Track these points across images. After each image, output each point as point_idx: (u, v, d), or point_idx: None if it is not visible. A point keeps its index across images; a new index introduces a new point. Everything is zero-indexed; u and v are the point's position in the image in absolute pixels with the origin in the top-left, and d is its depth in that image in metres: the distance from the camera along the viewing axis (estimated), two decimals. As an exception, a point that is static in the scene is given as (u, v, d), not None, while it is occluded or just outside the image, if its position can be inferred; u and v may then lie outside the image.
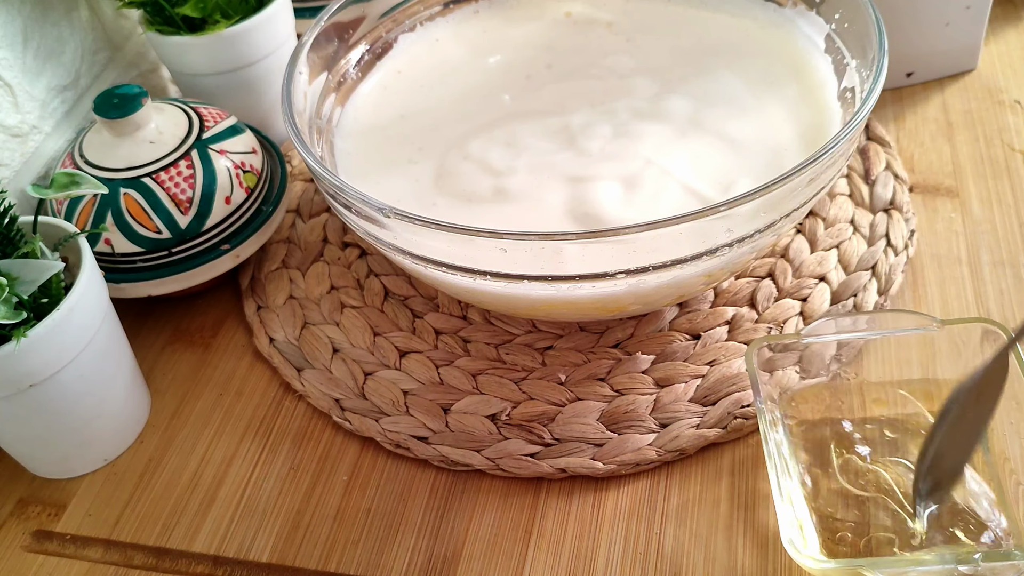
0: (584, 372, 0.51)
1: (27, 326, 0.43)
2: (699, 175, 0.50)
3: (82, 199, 0.53)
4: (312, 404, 0.53)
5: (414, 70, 0.61)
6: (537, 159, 0.53)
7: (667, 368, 0.51)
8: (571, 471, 0.48)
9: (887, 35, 0.48)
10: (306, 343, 0.55)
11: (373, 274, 0.58)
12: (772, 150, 0.52)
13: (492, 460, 0.48)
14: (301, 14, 0.71)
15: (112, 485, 0.50)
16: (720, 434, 0.48)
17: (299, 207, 0.63)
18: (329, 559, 0.46)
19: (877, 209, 0.58)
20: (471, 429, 0.50)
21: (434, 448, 0.49)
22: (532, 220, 0.50)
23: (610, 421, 0.49)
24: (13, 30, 0.57)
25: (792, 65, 0.56)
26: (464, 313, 0.55)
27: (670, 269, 0.43)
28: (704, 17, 0.61)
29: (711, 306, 0.54)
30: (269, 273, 0.59)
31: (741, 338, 0.52)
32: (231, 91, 0.63)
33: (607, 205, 0.49)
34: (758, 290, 0.54)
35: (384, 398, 0.52)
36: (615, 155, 0.52)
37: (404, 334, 0.55)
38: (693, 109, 0.55)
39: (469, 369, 0.52)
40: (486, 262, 0.43)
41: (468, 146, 0.55)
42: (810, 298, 0.54)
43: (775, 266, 0.55)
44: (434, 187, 0.53)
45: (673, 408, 0.49)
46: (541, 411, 0.50)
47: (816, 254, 0.56)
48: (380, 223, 0.45)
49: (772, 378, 0.48)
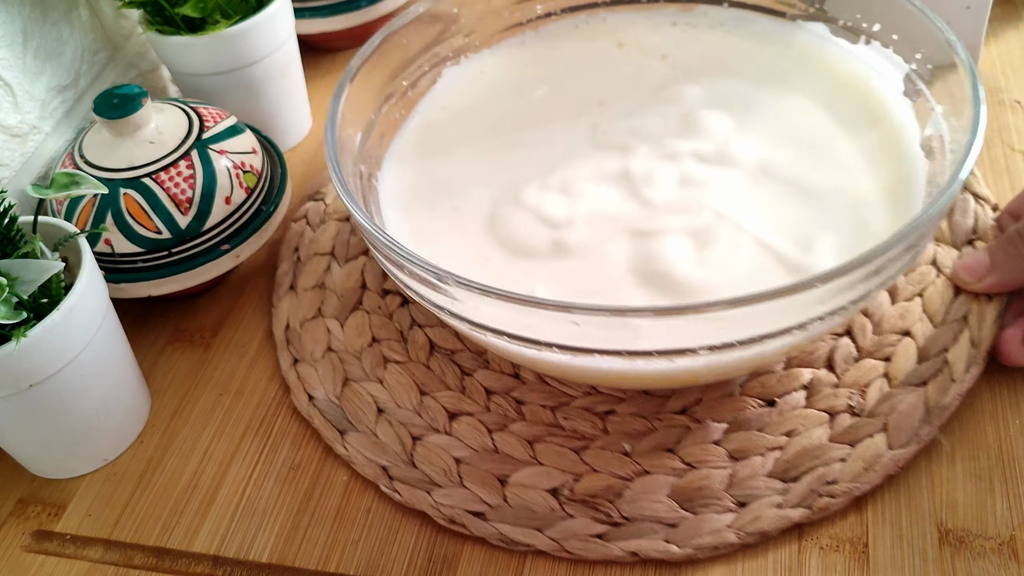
0: (650, 442, 0.47)
1: (27, 326, 0.43)
2: (775, 230, 0.47)
3: (82, 199, 0.53)
4: (357, 471, 0.49)
5: (459, 105, 0.58)
6: (597, 209, 0.49)
7: (741, 438, 0.46)
8: (643, 555, 0.43)
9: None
10: (348, 402, 0.51)
11: (416, 325, 0.54)
12: (852, 204, 0.48)
13: (556, 541, 0.44)
14: (301, 14, 0.71)
15: (112, 485, 0.50)
16: (805, 515, 0.44)
17: (334, 250, 0.59)
18: (329, 559, 0.46)
19: (960, 242, 0.52)
20: (531, 504, 0.45)
21: (492, 526, 0.45)
22: (595, 278, 0.46)
23: (683, 498, 0.45)
24: (13, 30, 0.57)
25: (867, 107, 0.52)
26: (516, 371, 0.51)
27: (757, 344, 0.39)
28: (765, 50, 0.57)
29: (784, 367, 0.49)
30: (305, 322, 0.55)
31: (821, 405, 0.47)
32: (231, 91, 0.63)
33: (677, 263, 0.46)
34: (836, 350, 0.49)
35: (435, 467, 0.47)
36: (682, 206, 0.49)
37: (453, 393, 0.50)
38: (762, 153, 0.51)
39: (525, 435, 0.48)
40: (555, 334, 0.40)
41: (521, 193, 0.51)
42: (894, 357, 0.48)
43: (852, 322, 0.50)
44: (486, 238, 0.49)
45: (751, 484, 0.45)
46: (606, 485, 0.46)
47: (898, 305, 0.50)
48: (438, 288, 0.41)
49: None
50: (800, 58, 0.56)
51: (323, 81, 0.74)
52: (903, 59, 0.51)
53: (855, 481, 0.44)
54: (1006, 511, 0.44)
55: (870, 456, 0.45)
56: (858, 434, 0.46)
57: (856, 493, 0.44)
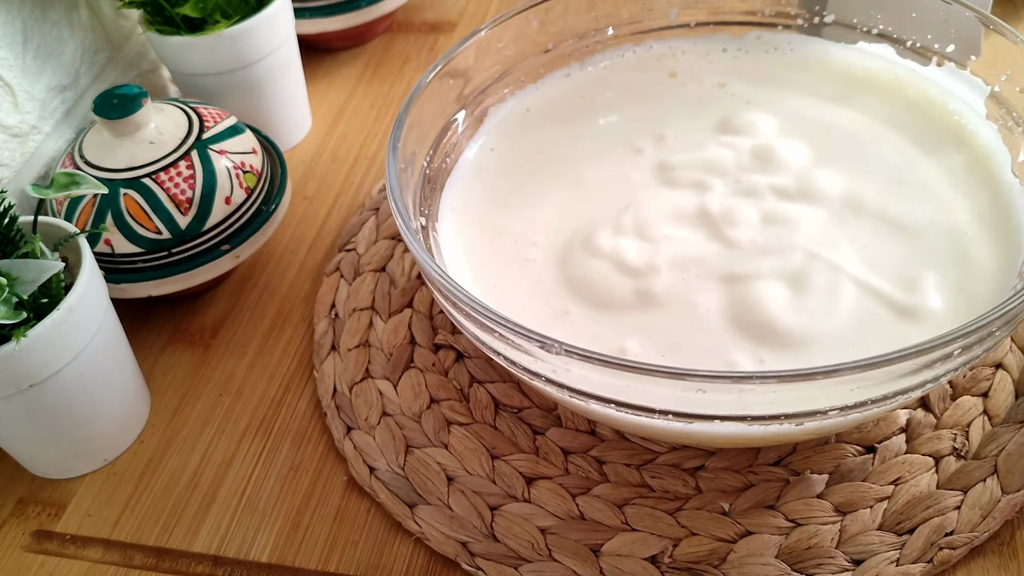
0: (749, 499, 0.44)
1: (27, 326, 0.43)
2: (874, 270, 0.44)
3: (82, 199, 0.53)
4: (433, 548, 0.45)
5: (509, 146, 0.54)
6: (680, 253, 0.46)
7: (846, 490, 0.44)
8: None
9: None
10: (414, 472, 0.47)
11: (476, 382, 0.50)
12: (949, 235, 0.46)
13: None
14: (301, 14, 0.71)
15: (112, 485, 0.50)
16: (926, 569, 0.41)
17: (374, 303, 0.55)
18: (329, 559, 0.46)
19: None
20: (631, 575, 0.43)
21: None
22: (689, 330, 0.43)
23: (793, 559, 0.42)
24: (13, 30, 0.57)
25: (947, 130, 0.50)
26: (592, 427, 0.48)
27: (891, 400, 0.37)
28: (828, 74, 0.54)
29: None
30: (354, 385, 0.51)
31: (924, 449, 0.45)
32: (231, 91, 0.63)
33: (775, 310, 0.43)
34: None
35: (520, 539, 0.44)
36: (770, 247, 0.46)
37: (527, 456, 0.47)
38: (846, 186, 0.48)
39: (612, 499, 0.45)
40: (672, 401, 0.37)
41: (594, 239, 0.48)
42: (991, 392, 0.46)
43: None
44: (563, 291, 0.46)
45: (864, 540, 0.42)
46: (709, 550, 0.43)
47: None
48: (537, 356, 0.38)
49: None
50: (867, 81, 0.53)
51: (323, 81, 0.74)
52: (983, 80, 0.49)
53: (974, 531, 0.42)
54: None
55: (985, 503, 0.43)
56: (969, 479, 0.44)
57: (976, 543, 0.42)
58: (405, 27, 0.78)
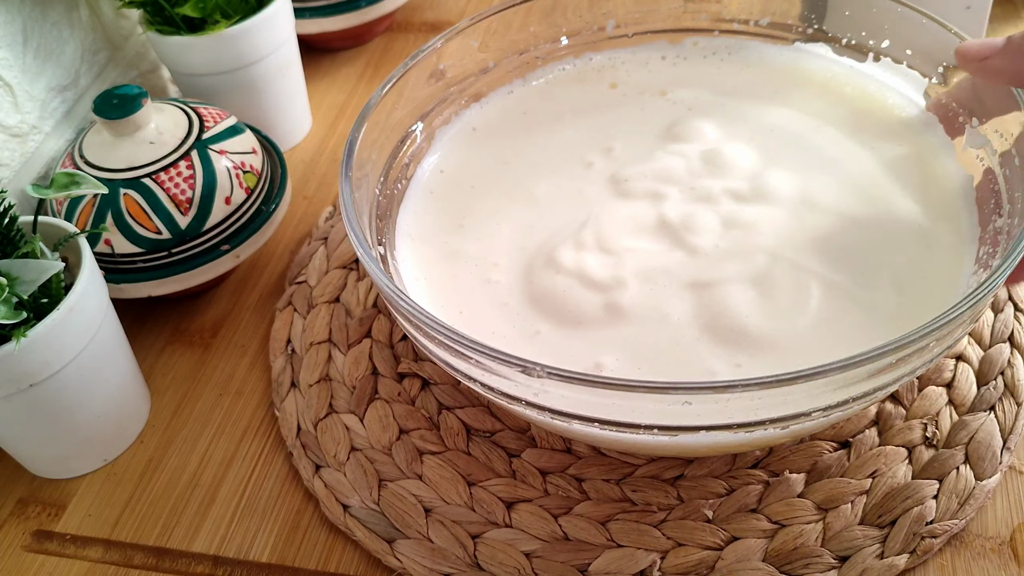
0: (732, 504, 0.44)
1: (27, 326, 0.43)
2: (836, 265, 0.45)
3: (82, 199, 0.53)
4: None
5: (458, 167, 0.54)
6: (644, 264, 0.46)
7: (825, 487, 0.44)
8: None
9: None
10: (389, 506, 0.46)
11: (445, 408, 0.49)
12: (905, 226, 0.46)
13: None
14: (301, 14, 0.71)
15: (112, 485, 0.50)
16: (911, 560, 0.42)
17: (331, 336, 0.54)
18: (329, 559, 0.46)
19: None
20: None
21: None
22: (663, 340, 0.43)
23: (780, 560, 0.42)
24: (13, 30, 0.57)
25: (888, 124, 0.50)
26: (568, 445, 0.47)
27: (871, 396, 0.37)
28: (767, 76, 0.55)
29: None
30: (319, 422, 0.50)
31: (897, 440, 0.45)
32: (231, 91, 0.63)
33: (746, 313, 0.43)
34: None
35: (505, 566, 0.43)
36: (733, 251, 0.46)
37: (504, 480, 0.46)
38: (799, 185, 0.49)
39: (595, 516, 0.44)
40: (657, 415, 0.36)
41: (556, 256, 0.47)
42: (955, 382, 0.47)
43: None
44: (530, 311, 0.46)
45: (848, 536, 0.42)
46: (698, 559, 0.42)
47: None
48: (517, 381, 0.37)
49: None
50: (806, 81, 0.54)
51: (323, 81, 0.74)
52: (920, 74, 0.50)
53: (954, 518, 0.43)
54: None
55: (961, 490, 0.43)
56: (943, 468, 0.44)
57: (955, 530, 0.43)
58: (405, 27, 0.78)
